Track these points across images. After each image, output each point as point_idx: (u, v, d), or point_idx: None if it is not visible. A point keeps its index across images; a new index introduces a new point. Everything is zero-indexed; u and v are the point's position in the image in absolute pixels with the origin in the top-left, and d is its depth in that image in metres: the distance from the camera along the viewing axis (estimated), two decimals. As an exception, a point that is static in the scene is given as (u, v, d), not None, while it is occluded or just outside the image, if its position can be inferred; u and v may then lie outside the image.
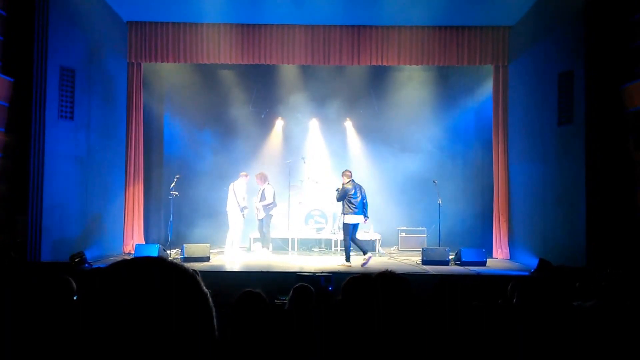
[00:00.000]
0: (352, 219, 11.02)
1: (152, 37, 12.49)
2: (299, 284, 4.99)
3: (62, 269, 7.61)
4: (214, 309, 1.12)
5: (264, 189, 12.58)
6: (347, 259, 10.99)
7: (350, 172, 11.32)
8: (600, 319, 3.59)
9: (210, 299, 1.11)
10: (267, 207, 12.53)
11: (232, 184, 12.44)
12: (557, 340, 3.17)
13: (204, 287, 1.12)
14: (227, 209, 12.34)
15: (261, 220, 12.59)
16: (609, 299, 4.06)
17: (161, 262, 1.12)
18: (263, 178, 12.62)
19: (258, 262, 11.29)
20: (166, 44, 12.49)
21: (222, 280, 8.62)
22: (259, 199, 12.54)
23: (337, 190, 11.31)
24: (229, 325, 3.63)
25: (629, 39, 9.55)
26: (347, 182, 11.12)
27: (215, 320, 1.11)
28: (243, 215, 12.31)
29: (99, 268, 6.30)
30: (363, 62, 12.72)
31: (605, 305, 3.84)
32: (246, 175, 12.50)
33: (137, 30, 12.52)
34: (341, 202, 11.15)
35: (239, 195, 12.27)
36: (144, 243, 12.47)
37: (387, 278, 2.52)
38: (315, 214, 13.67)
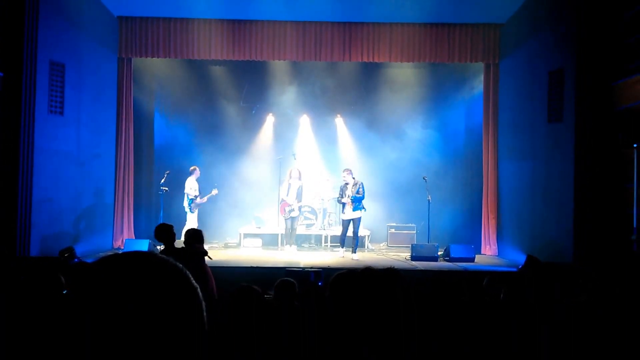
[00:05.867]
0: None
1: (143, 32, 12.42)
2: (280, 279, 5.04)
3: (51, 264, 7.59)
4: (203, 303, 1.11)
5: (301, 186, 12.62)
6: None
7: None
8: (586, 316, 3.63)
9: (200, 293, 1.11)
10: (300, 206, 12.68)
11: None
12: (543, 336, 3.21)
13: (194, 281, 1.12)
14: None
15: (294, 218, 12.56)
16: (595, 296, 4.11)
17: (150, 257, 1.11)
18: (299, 174, 12.70)
19: (247, 258, 11.31)
20: (157, 39, 12.43)
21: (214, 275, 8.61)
22: (294, 196, 12.48)
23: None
24: (226, 319, 3.65)
25: (619, 36, 9.59)
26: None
27: (205, 313, 1.11)
28: (190, 209, 12.35)
29: (86, 262, 6.28)
30: (354, 58, 12.73)
31: (591, 302, 3.89)
32: (194, 169, 12.61)
33: (128, 25, 12.45)
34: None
35: (186, 189, 12.39)
36: (134, 238, 12.45)
37: (373, 274, 2.53)
38: (305, 210, 13.67)
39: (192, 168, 12.64)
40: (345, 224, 11.64)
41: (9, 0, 9.99)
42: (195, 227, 11.44)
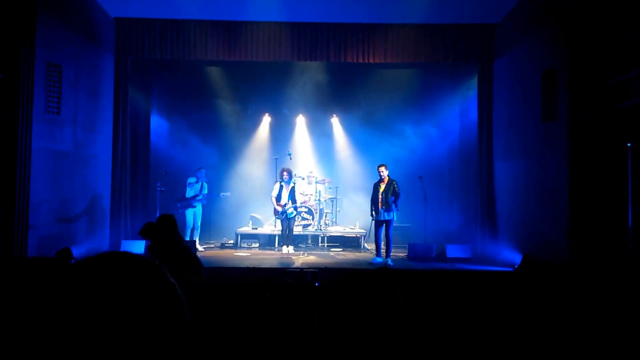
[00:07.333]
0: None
1: (139, 33, 12.45)
2: (278, 280, 5.06)
3: (47, 265, 7.60)
4: (182, 298, 1.14)
5: (293, 187, 12.73)
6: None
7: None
8: (585, 316, 3.66)
9: (177, 289, 1.14)
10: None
11: None
12: (540, 337, 3.24)
13: (171, 278, 1.15)
14: None
15: (291, 219, 12.59)
16: (592, 295, 4.14)
17: (125, 257, 1.15)
18: (289, 173, 12.78)
19: (245, 259, 11.32)
20: (153, 40, 12.45)
21: (211, 276, 8.63)
22: (286, 198, 12.57)
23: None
24: (226, 319, 3.67)
25: (613, 34, 9.61)
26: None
27: (185, 307, 1.14)
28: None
29: (74, 263, 6.29)
30: (350, 59, 12.73)
31: (591, 302, 3.92)
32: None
33: (124, 26, 12.48)
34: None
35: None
36: (130, 239, 12.45)
37: (367, 276, 2.55)
38: (301, 210, 13.70)
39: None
40: (378, 225, 11.24)
41: (6, 1, 9.98)
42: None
